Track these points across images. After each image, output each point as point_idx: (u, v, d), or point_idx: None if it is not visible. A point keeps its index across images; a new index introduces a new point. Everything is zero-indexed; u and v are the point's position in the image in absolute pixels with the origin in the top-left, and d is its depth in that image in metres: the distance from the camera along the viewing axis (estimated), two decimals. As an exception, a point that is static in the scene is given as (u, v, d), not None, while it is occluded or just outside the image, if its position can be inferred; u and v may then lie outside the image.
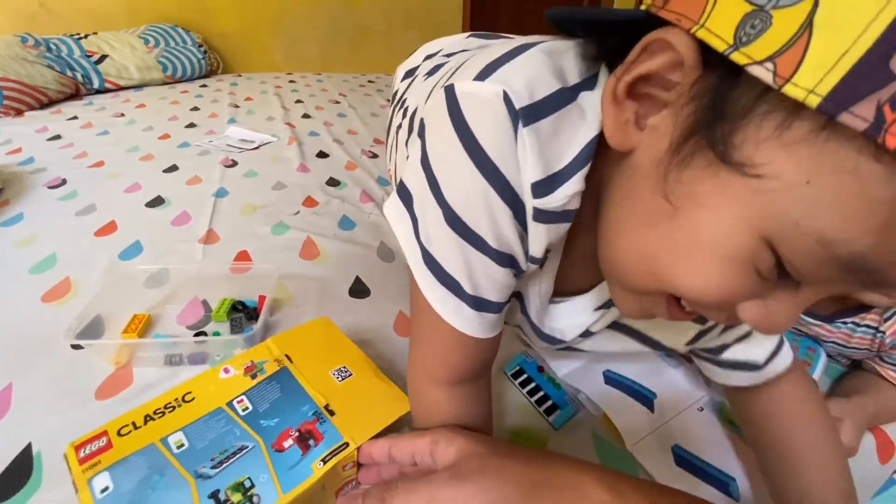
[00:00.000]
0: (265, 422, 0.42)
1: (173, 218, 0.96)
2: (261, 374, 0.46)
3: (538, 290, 0.40)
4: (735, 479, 0.48)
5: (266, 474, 0.38)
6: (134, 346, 0.60)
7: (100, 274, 0.75)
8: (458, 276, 0.33)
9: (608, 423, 0.54)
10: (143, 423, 0.41)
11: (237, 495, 0.36)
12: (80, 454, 0.38)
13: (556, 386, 0.58)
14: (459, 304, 0.34)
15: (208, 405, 0.43)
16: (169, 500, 0.35)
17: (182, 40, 2.06)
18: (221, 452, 0.39)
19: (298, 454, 0.39)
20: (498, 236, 0.31)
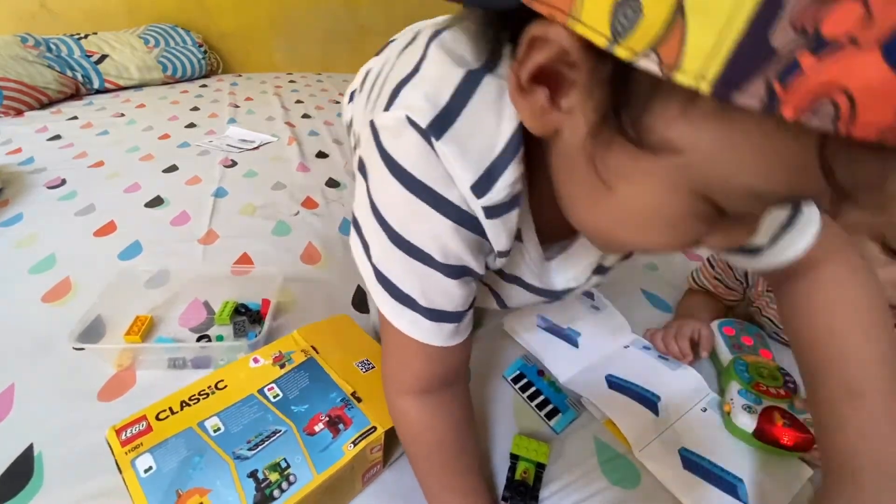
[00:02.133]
0: (296, 408, 0.44)
1: (173, 218, 0.96)
2: (289, 364, 0.49)
3: (528, 259, 0.40)
4: (742, 480, 0.48)
5: (300, 456, 0.40)
6: (137, 349, 0.60)
7: (100, 274, 0.75)
8: (411, 292, 0.34)
9: (610, 426, 0.53)
10: (180, 408, 0.43)
11: (275, 474, 0.38)
12: (122, 437, 0.40)
13: (557, 389, 0.58)
14: (416, 317, 0.35)
15: (240, 392, 0.45)
16: (210, 480, 0.37)
17: (182, 40, 2.06)
18: (256, 436, 0.41)
19: (329, 437, 0.42)
20: (444, 251, 0.32)
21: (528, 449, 0.49)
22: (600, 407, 0.54)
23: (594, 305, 0.68)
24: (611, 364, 0.60)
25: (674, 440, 0.52)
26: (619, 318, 0.67)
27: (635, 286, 0.79)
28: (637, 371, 0.59)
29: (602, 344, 0.64)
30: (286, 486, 0.38)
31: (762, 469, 0.49)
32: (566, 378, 0.59)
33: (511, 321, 0.66)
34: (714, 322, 0.63)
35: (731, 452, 0.51)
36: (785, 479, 0.49)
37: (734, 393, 0.53)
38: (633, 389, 0.56)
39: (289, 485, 0.38)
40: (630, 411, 0.53)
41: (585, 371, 0.60)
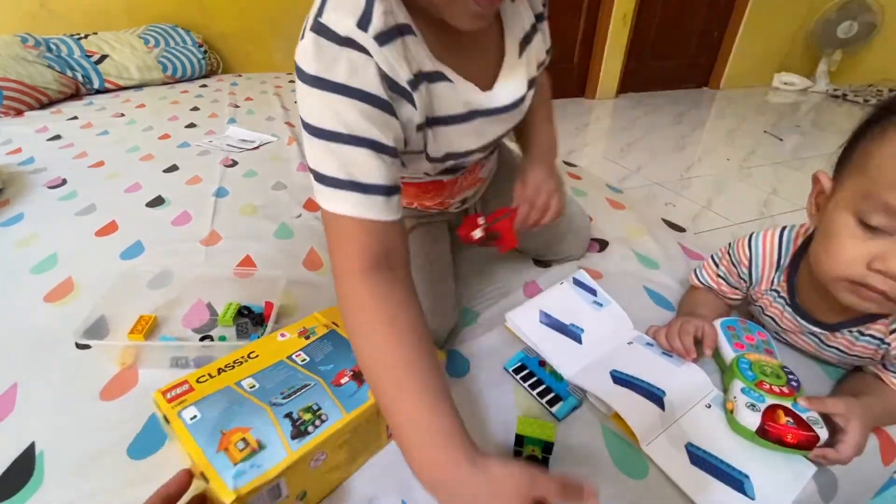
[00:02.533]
0: (323, 367, 0.48)
1: (174, 218, 0.96)
2: (313, 336, 0.53)
3: (460, 90, 0.48)
4: (749, 476, 0.48)
5: (329, 401, 0.45)
6: (140, 347, 0.60)
7: (102, 274, 0.75)
8: (337, 174, 0.41)
9: (617, 420, 0.53)
10: (217, 373, 0.47)
11: (308, 415, 0.43)
12: (167, 396, 0.44)
13: (558, 378, 0.58)
14: (346, 194, 0.41)
15: (271, 359, 0.49)
16: (250, 421, 0.42)
17: (182, 40, 2.06)
18: (289, 388, 0.45)
19: (355, 387, 0.46)
20: (346, 125, 0.40)
21: (533, 428, 0.47)
22: (606, 401, 0.54)
23: (597, 302, 0.68)
24: (615, 360, 0.60)
25: (680, 435, 0.52)
26: (622, 314, 0.67)
27: (638, 284, 0.79)
28: (641, 367, 0.59)
29: (605, 340, 0.64)
30: (319, 423, 0.42)
31: (767, 466, 0.49)
32: (570, 374, 0.59)
33: (513, 318, 0.66)
34: (717, 320, 0.63)
35: (737, 449, 0.51)
36: (790, 476, 0.49)
37: (737, 391, 0.53)
38: (639, 385, 0.56)
39: (321, 422, 0.42)
40: (636, 405, 0.53)
41: (589, 367, 0.60)
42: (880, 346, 0.53)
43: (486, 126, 0.53)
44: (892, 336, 0.51)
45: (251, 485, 0.37)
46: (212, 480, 0.37)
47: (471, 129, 0.51)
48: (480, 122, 0.52)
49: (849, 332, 0.55)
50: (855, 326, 0.54)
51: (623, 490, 0.47)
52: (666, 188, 1.55)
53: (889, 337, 0.52)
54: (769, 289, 0.62)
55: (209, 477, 0.37)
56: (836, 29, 2.91)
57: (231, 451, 0.39)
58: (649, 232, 0.96)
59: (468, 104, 0.49)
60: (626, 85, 2.93)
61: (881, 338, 0.52)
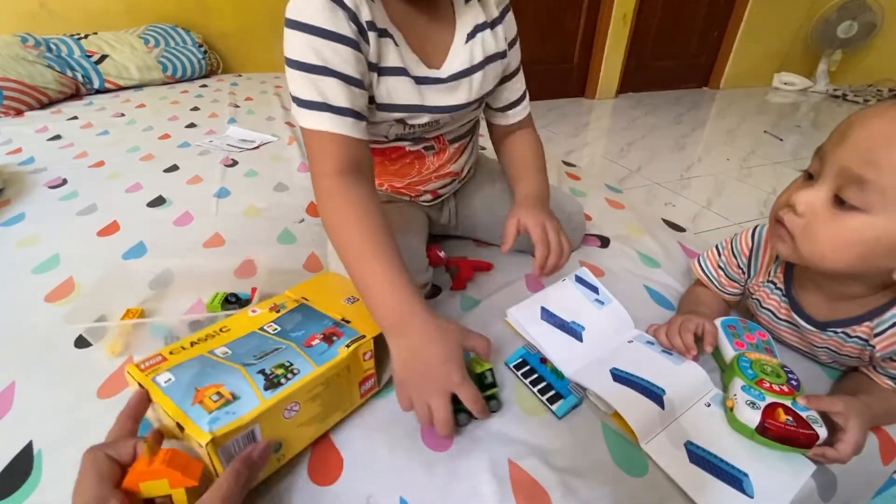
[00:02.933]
0: (294, 334, 0.50)
1: (175, 218, 0.96)
2: (283, 310, 0.55)
3: (408, 66, 0.58)
4: (748, 474, 0.48)
5: (301, 358, 0.46)
6: (130, 334, 0.61)
7: (103, 274, 0.75)
8: (313, 97, 0.52)
9: (617, 418, 0.53)
10: (190, 346, 0.48)
11: (280, 370, 0.44)
12: (142, 367, 0.44)
13: (559, 376, 0.58)
14: (322, 114, 0.53)
15: (243, 331, 0.51)
16: (224, 379, 0.43)
17: (182, 40, 2.06)
18: (261, 352, 0.47)
19: (325, 346, 0.48)
20: (320, 56, 0.51)
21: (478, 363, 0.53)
22: (606, 399, 0.54)
23: (599, 300, 0.68)
24: (615, 358, 0.60)
25: (680, 434, 0.52)
26: (623, 312, 0.67)
27: (638, 282, 0.79)
28: (641, 365, 0.58)
29: (606, 338, 0.64)
30: (291, 376, 0.44)
31: (766, 464, 0.49)
32: (570, 372, 0.59)
33: (514, 315, 0.66)
34: (717, 319, 0.63)
35: (736, 447, 0.51)
36: (789, 475, 0.49)
37: (737, 389, 0.53)
38: (639, 383, 0.56)
39: (293, 375, 0.44)
40: (636, 404, 0.53)
41: (590, 365, 0.60)
42: (866, 347, 0.53)
43: (430, 93, 0.61)
44: (877, 339, 0.52)
45: (226, 428, 0.38)
46: (187, 428, 0.38)
47: (411, 86, 0.59)
48: (424, 88, 0.60)
49: (834, 332, 0.55)
50: (841, 328, 0.54)
51: (623, 488, 0.47)
52: (666, 188, 1.55)
53: (874, 339, 0.52)
54: (766, 280, 0.62)
55: (185, 425, 0.38)
56: (836, 29, 2.91)
57: (206, 402, 0.40)
58: (649, 231, 0.96)
59: (410, 69, 0.58)
60: (626, 85, 2.93)
61: (866, 339, 0.53)
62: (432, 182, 0.75)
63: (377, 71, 0.57)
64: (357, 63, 0.53)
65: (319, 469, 0.48)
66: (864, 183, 0.43)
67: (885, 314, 0.51)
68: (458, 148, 0.74)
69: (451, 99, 0.63)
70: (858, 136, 0.44)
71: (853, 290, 0.53)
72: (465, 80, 0.63)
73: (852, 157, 0.44)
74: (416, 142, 0.69)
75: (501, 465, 0.49)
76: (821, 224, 0.47)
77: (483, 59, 0.63)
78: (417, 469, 0.48)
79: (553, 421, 0.54)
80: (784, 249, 0.51)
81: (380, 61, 0.56)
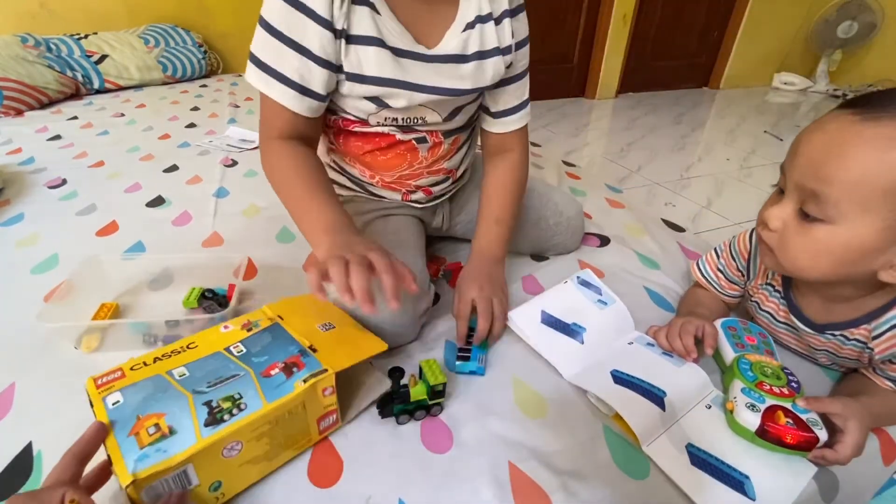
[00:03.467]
0: (256, 359, 0.48)
1: (175, 218, 0.96)
2: (255, 328, 0.53)
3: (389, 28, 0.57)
4: (749, 476, 0.48)
5: (253, 390, 0.44)
6: (104, 331, 0.61)
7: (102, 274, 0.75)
8: (272, 64, 0.56)
9: (618, 420, 0.53)
10: (153, 361, 0.47)
11: (227, 403, 0.42)
12: (98, 383, 0.44)
13: (484, 346, 0.63)
14: (275, 83, 0.56)
15: (209, 349, 0.49)
16: (168, 407, 0.42)
17: (182, 40, 2.06)
18: (217, 378, 0.45)
19: (283, 378, 0.46)
20: (288, 25, 0.54)
21: (430, 370, 0.53)
22: (607, 401, 0.54)
23: (601, 300, 0.68)
24: (615, 360, 0.60)
25: (681, 436, 0.52)
26: (626, 313, 0.67)
27: (638, 283, 0.79)
28: (642, 367, 0.58)
29: (607, 339, 0.64)
30: (236, 411, 0.42)
31: (768, 466, 0.49)
32: (571, 374, 0.59)
33: (514, 319, 0.65)
34: (717, 321, 0.63)
35: (738, 449, 0.51)
36: (790, 477, 0.49)
37: (737, 391, 0.53)
38: (639, 385, 0.56)
39: (239, 411, 0.42)
40: (637, 406, 0.53)
41: (590, 367, 0.60)
42: (864, 349, 0.53)
43: (414, 68, 0.60)
44: (875, 342, 0.52)
45: (151, 469, 0.37)
46: (115, 464, 0.38)
47: (387, 58, 0.58)
48: (407, 62, 0.59)
49: (832, 335, 0.55)
50: (839, 330, 0.54)
51: (624, 490, 0.47)
52: (666, 188, 1.55)
53: (872, 342, 0.52)
54: (765, 282, 0.62)
55: (114, 460, 0.38)
56: (836, 29, 2.91)
57: (141, 434, 0.39)
58: (649, 232, 0.96)
59: (387, 40, 0.57)
60: (626, 85, 2.93)
61: (864, 342, 0.53)
62: (424, 177, 0.73)
63: (345, 38, 0.55)
64: (324, 42, 0.54)
65: (319, 471, 0.48)
66: (819, 196, 0.44)
67: (882, 317, 0.51)
68: (453, 143, 0.71)
69: (438, 80, 0.60)
70: (805, 152, 0.46)
71: (846, 293, 0.53)
72: (456, 65, 0.61)
73: (805, 172, 0.46)
74: (407, 131, 0.67)
75: (502, 468, 0.49)
76: (792, 237, 0.48)
77: (477, 51, 0.62)
78: (417, 471, 0.48)
79: (554, 423, 0.54)
80: (769, 262, 0.53)
81: (349, 27, 0.55)
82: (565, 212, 0.83)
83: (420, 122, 0.65)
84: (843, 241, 0.45)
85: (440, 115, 0.65)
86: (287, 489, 0.46)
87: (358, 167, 0.72)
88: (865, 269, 0.46)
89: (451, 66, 0.61)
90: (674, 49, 3.01)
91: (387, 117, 0.64)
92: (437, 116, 0.65)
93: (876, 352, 0.51)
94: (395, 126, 0.65)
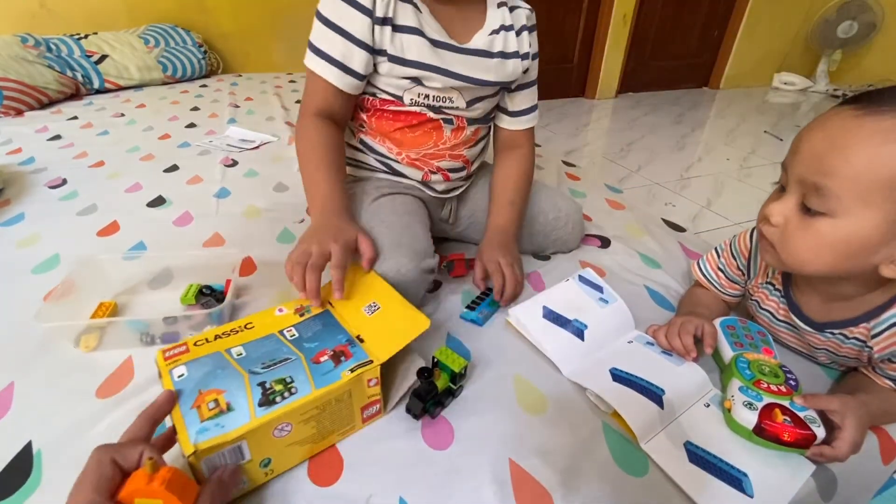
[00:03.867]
0: (307, 344, 0.52)
1: (175, 218, 0.95)
2: (307, 314, 0.57)
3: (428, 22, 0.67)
4: (747, 474, 0.48)
5: (304, 375, 0.47)
6: (102, 329, 0.61)
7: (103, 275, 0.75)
8: (322, 47, 0.66)
9: (616, 418, 0.53)
10: (214, 339, 0.51)
11: (279, 386, 0.45)
12: (166, 355, 0.48)
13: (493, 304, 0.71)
14: (321, 62, 0.67)
15: (264, 331, 0.53)
16: (227, 385, 0.45)
17: (182, 40, 2.06)
18: (270, 360, 0.49)
19: (331, 365, 0.49)
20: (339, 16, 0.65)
21: (447, 357, 0.54)
22: (606, 399, 0.54)
23: (603, 298, 0.68)
24: (615, 358, 0.60)
25: (679, 434, 0.52)
26: (626, 312, 0.67)
27: (640, 282, 0.79)
28: (641, 366, 0.59)
29: (608, 337, 0.64)
30: (287, 395, 0.45)
31: (766, 464, 0.49)
32: (570, 370, 0.59)
33: (516, 314, 0.66)
34: (717, 319, 0.63)
35: (736, 447, 0.51)
36: (788, 475, 0.49)
37: (735, 389, 0.53)
38: (638, 383, 0.56)
39: (290, 394, 0.45)
40: (635, 403, 0.53)
41: (590, 364, 0.60)
42: (864, 348, 0.53)
43: (448, 57, 0.69)
44: (874, 340, 0.52)
45: (211, 442, 0.40)
46: (179, 433, 0.41)
47: (426, 46, 0.67)
48: (442, 52, 0.69)
49: (832, 333, 0.55)
50: (839, 329, 0.54)
51: (623, 487, 0.47)
52: (666, 188, 1.55)
53: (871, 341, 0.52)
54: (765, 281, 0.62)
55: (178, 429, 0.41)
56: (836, 29, 2.91)
57: (202, 408, 0.42)
58: (649, 232, 0.96)
59: (426, 32, 0.67)
60: (626, 85, 2.93)
61: (864, 341, 0.53)
62: (445, 159, 0.78)
63: (392, 26, 0.65)
64: (365, 28, 0.64)
65: (319, 470, 0.48)
66: (821, 189, 0.45)
67: (881, 315, 0.51)
68: (475, 132, 0.79)
69: (469, 70, 0.70)
70: (807, 147, 0.47)
71: (846, 291, 0.53)
72: (484, 59, 0.71)
73: (807, 166, 0.46)
74: (437, 111, 0.74)
75: (502, 465, 0.49)
76: (794, 231, 0.48)
77: (501, 51, 0.73)
78: (417, 469, 0.48)
79: (554, 420, 0.54)
80: (770, 259, 0.53)
81: (395, 18, 0.65)
82: (563, 208, 0.84)
83: (448, 103, 0.73)
84: (845, 234, 0.45)
85: (465, 99, 0.74)
86: (287, 488, 0.46)
87: (387, 144, 0.78)
88: (866, 263, 0.46)
89: (478, 59, 0.71)
90: (674, 49, 3.01)
91: (420, 93, 0.71)
92: (462, 101, 0.74)
93: (875, 350, 0.52)
94: (426, 106, 0.73)
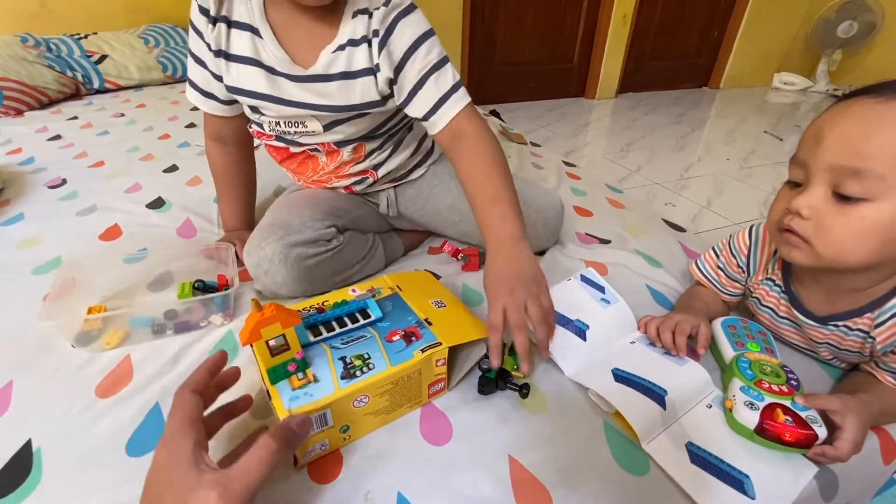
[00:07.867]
0: (381, 324, 0.55)
1: (175, 219, 0.95)
2: (378, 296, 0.61)
3: (269, 50, 0.65)
4: (749, 475, 0.48)
5: (379, 353, 0.51)
6: (104, 321, 0.63)
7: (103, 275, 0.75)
8: (190, 76, 0.71)
9: (618, 418, 0.53)
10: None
11: (359, 361, 0.50)
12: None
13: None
14: (193, 92, 0.73)
15: None
16: (313, 358, 0.50)
17: (182, 40, 2.06)
18: (349, 337, 0.53)
19: (403, 345, 0.52)
20: (194, 47, 0.67)
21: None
22: (608, 399, 0.54)
23: (604, 299, 0.68)
24: (617, 359, 0.60)
25: (681, 434, 0.52)
26: (628, 312, 0.67)
27: (641, 281, 0.79)
28: (643, 366, 0.58)
29: (609, 337, 0.64)
30: (366, 370, 0.49)
31: (768, 465, 0.49)
32: (572, 371, 0.59)
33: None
34: (717, 319, 0.63)
35: (737, 448, 0.51)
36: (791, 476, 0.49)
37: (736, 389, 0.53)
38: (640, 383, 0.56)
39: (368, 370, 0.49)
40: (637, 404, 0.53)
41: (592, 365, 0.60)
42: (867, 339, 0.53)
43: (287, 86, 0.66)
44: (877, 330, 0.51)
45: (302, 408, 0.44)
46: (273, 399, 0.46)
47: (261, 76, 0.66)
48: (281, 80, 0.66)
49: (835, 326, 0.55)
50: (842, 321, 0.54)
51: (624, 487, 0.47)
52: (666, 188, 1.55)
53: (874, 331, 0.52)
54: (765, 278, 0.62)
55: (272, 395, 0.46)
56: (836, 29, 2.91)
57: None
58: (649, 231, 0.96)
59: (264, 60, 0.65)
60: (626, 85, 2.93)
61: (867, 332, 0.53)
62: (334, 181, 0.79)
63: (224, 56, 0.66)
64: (211, 60, 0.66)
65: (318, 467, 0.48)
66: (860, 173, 0.44)
67: (885, 304, 0.51)
68: (355, 149, 0.74)
69: (309, 97, 0.67)
70: (835, 134, 0.46)
71: (857, 283, 0.52)
72: (322, 84, 0.66)
73: (839, 153, 0.45)
74: (297, 145, 0.74)
75: (502, 462, 0.49)
76: (832, 220, 0.47)
77: (343, 72, 0.65)
78: (416, 464, 0.48)
79: (554, 418, 0.54)
80: (800, 256, 0.50)
81: (229, 49, 0.65)
82: (544, 209, 0.82)
83: (302, 128, 0.71)
84: (889, 215, 0.44)
85: (321, 123, 0.70)
86: (286, 485, 0.46)
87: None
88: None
89: (317, 84, 0.66)
90: (674, 49, 3.01)
91: (270, 121, 0.71)
92: (317, 125, 0.70)
93: (878, 341, 0.51)
94: (282, 135, 0.73)
